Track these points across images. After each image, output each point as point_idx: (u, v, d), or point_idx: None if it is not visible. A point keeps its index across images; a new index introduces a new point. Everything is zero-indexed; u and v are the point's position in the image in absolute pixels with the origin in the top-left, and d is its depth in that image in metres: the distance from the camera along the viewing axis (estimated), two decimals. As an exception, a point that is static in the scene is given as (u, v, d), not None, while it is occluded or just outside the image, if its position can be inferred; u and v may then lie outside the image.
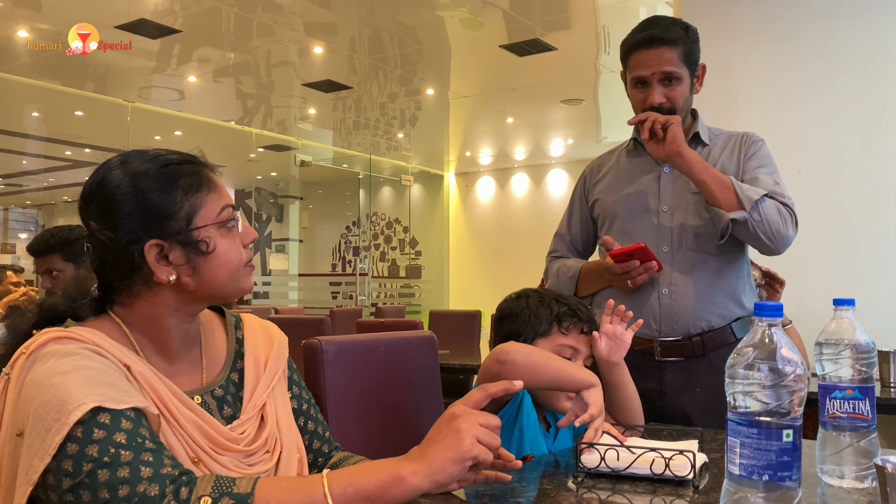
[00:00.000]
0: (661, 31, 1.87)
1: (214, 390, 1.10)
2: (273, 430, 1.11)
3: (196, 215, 1.04)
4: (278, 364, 1.19)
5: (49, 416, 0.87)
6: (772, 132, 3.12)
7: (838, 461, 1.14)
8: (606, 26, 5.82)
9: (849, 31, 3.19)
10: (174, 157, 1.07)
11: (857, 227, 3.15)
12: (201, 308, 1.11)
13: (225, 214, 1.07)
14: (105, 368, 0.94)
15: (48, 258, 2.54)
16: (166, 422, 0.98)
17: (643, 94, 1.92)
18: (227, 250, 1.06)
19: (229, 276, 1.07)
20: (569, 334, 1.55)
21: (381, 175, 11.92)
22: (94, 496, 0.84)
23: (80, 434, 0.86)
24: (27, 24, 5.88)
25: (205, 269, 1.04)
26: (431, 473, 0.92)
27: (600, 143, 9.88)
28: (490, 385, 1.05)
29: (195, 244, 1.03)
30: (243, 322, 1.22)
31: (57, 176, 10.93)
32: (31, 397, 0.89)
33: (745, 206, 1.78)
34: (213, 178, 1.09)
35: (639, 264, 1.83)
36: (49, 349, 0.93)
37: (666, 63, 1.87)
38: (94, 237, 1.04)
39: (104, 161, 1.08)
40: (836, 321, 1.18)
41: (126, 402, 0.90)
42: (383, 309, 7.41)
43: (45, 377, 0.90)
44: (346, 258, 11.91)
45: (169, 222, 1.02)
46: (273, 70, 7.14)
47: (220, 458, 1.02)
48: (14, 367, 0.94)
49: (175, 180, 1.04)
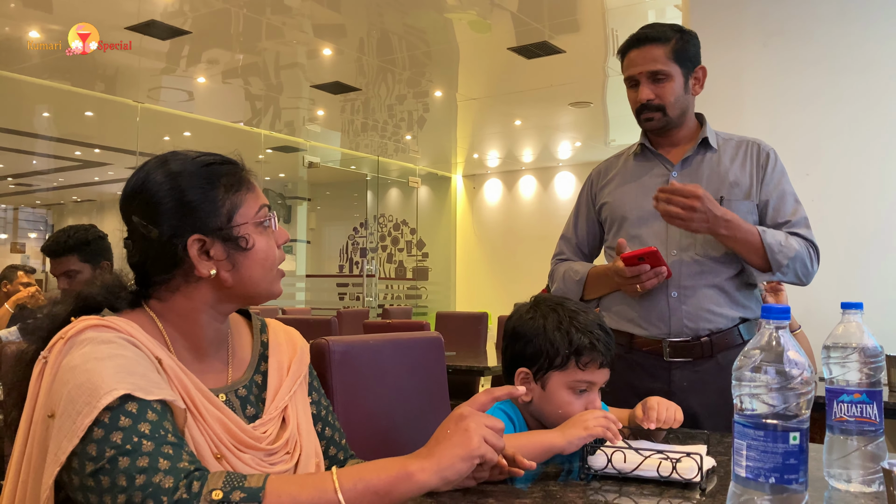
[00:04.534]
0: (649, 31, 1.93)
1: (238, 389, 1.13)
2: (294, 432, 1.13)
3: (236, 213, 1.08)
4: (300, 369, 1.21)
5: (81, 399, 0.89)
6: (780, 136, 3.11)
7: (845, 465, 1.14)
8: (615, 29, 5.82)
9: (857, 36, 3.18)
10: (215, 158, 1.11)
11: (865, 231, 3.14)
12: (234, 308, 1.14)
13: (262, 213, 1.11)
14: (138, 359, 0.96)
15: (65, 259, 2.54)
16: (192, 417, 1.00)
17: (635, 93, 1.97)
18: (265, 248, 1.10)
19: (264, 275, 1.10)
20: (586, 369, 1.42)
21: (388, 177, 11.93)
22: (112, 482, 0.86)
23: (107, 420, 0.89)
24: (38, 25, 5.91)
25: (243, 265, 1.08)
26: (440, 470, 0.94)
27: (608, 145, 9.87)
28: (495, 389, 1.09)
29: (235, 240, 1.07)
30: (269, 327, 1.25)
31: (66, 176, 10.97)
32: (66, 380, 0.92)
33: (775, 269, 1.85)
34: (250, 179, 1.13)
35: (649, 269, 1.83)
36: (87, 335, 0.96)
37: (652, 61, 1.91)
38: (137, 232, 1.07)
39: (144, 162, 1.11)
40: (844, 325, 1.18)
41: (154, 394, 0.93)
42: (390, 310, 7.41)
43: (82, 361, 0.93)
44: (354, 259, 11.93)
45: (211, 218, 1.06)
46: (282, 71, 7.16)
47: (243, 456, 1.04)
48: (52, 351, 0.97)
49: (217, 179, 1.08)
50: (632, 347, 1.94)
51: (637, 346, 1.94)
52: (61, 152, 9.71)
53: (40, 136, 9.12)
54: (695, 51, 1.96)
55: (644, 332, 1.93)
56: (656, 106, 1.93)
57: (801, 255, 1.86)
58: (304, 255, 11.67)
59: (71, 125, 8.92)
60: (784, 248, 1.84)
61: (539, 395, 1.44)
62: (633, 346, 1.94)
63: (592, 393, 1.44)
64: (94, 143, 9.54)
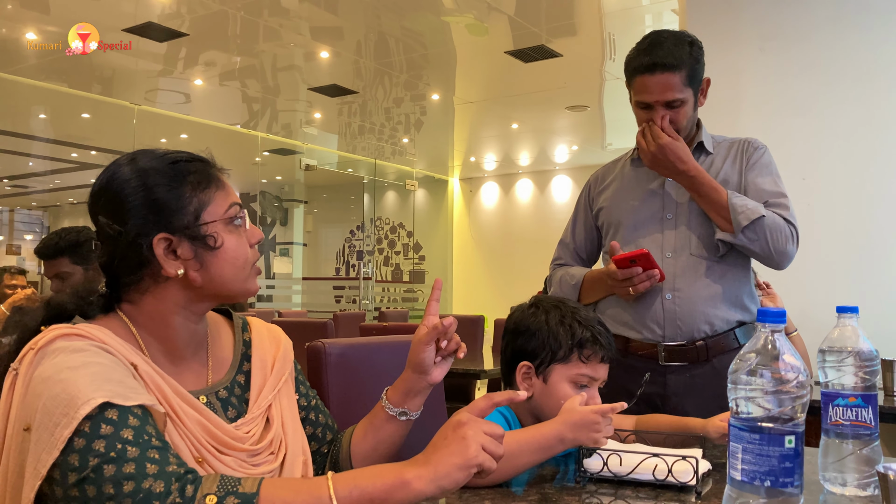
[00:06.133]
0: (664, 56, 1.85)
1: (219, 391, 1.11)
2: (278, 431, 1.12)
3: (204, 211, 1.06)
4: (285, 366, 1.20)
5: (57, 411, 0.87)
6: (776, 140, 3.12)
7: (841, 468, 1.14)
8: (612, 33, 5.83)
9: (854, 39, 3.19)
10: (183, 155, 1.09)
11: (861, 235, 3.14)
12: (207, 307, 1.12)
13: (232, 211, 1.09)
14: (113, 365, 0.95)
15: (57, 261, 2.53)
16: (171, 421, 0.98)
17: (647, 114, 1.92)
18: (234, 247, 1.08)
19: (235, 274, 1.08)
20: (588, 362, 1.45)
21: (385, 179, 11.94)
22: (98, 491, 0.85)
23: (87, 429, 0.87)
24: (35, 27, 5.91)
25: (212, 264, 1.06)
26: (436, 479, 0.92)
27: (605, 149, 9.88)
28: (496, 394, 1.07)
29: (203, 239, 1.05)
30: (251, 325, 1.24)
31: (63, 178, 10.97)
32: (40, 392, 0.90)
33: (735, 229, 1.82)
34: (220, 177, 1.11)
35: (641, 271, 1.83)
36: (57, 345, 0.94)
37: (669, 91, 1.86)
38: (103, 232, 1.05)
39: (113, 160, 1.09)
40: (840, 329, 1.18)
41: (134, 399, 0.91)
42: (386, 313, 7.42)
43: (54, 372, 0.91)
44: (350, 262, 11.92)
45: (177, 217, 1.04)
46: (279, 74, 7.16)
47: (225, 459, 1.02)
48: (22, 362, 0.95)
49: (184, 176, 1.06)
50: (627, 352, 1.94)
51: (632, 351, 1.93)
52: (58, 154, 9.70)
53: (37, 137, 9.11)
54: (702, 66, 1.92)
55: (639, 335, 1.93)
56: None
57: (773, 224, 1.81)
58: (300, 258, 11.68)
59: (67, 127, 8.91)
60: (749, 210, 1.82)
61: (540, 389, 1.44)
62: (628, 350, 1.94)
63: (593, 389, 1.46)
64: (91, 145, 9.53)
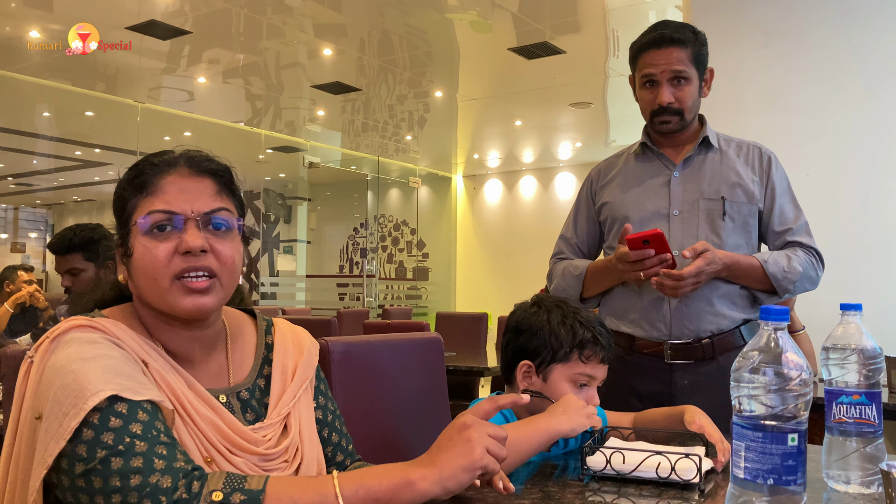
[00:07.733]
0: (671, 32, 1.90)
1: (240, 392, 1.10)
2: (295, 439, 1.11)
3: (132, 217, 1.04)
4: (306, 373, 1.18)
5: (67, 401, 0.88)
6: (780, 136, 3.11)
7: (844, 466, 1.14)
8: (616, 30, 5.82)
9: (857, 34, 3.18)
10: (149, 159, 1.08)
11: (865, 232, 3.14)
12: (174, 323, 1.05)
13: (150, 219, 1.01)
14: (124, 360, 0.96)
15: (70, 257, 2.54)
16: (180, 418, 0.98)
17: (652, 93, 1.93)
18: (142, 256, 1.01)
19: (149, 286, 1.02)
20: (588, 363, 1.46)
21: (388, 177, 11.94)
22: (105, 483, 0.85)
23: (96, 421, 0.88)
24: (38, 25, 5.91)
25: (133, 273, 1.04)
26: (441, 479, 0.93)
27: (609, 146, 9.87)
28: (500, 397, 1.09)
29: (125, 246, 1.05)
30: (275, 327, 1.22)
31: (67, 176, 10.98)
32: (51, 381, 0.91)
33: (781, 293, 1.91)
34: (161, 182, 1.04)
35: (653, 254, 1.78)
36: (72, 336, 0.96)
37: (676, 62, 1.89)
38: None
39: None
40: (844, 326, 1.18)
41: (143, 394, 0.92)
42: (390, 311, 7.41)
43: (66, 362, 0.92)
44: (354, 260, 11.93)
45: (122, 222, 1.06)
46: (282, 71, 7.16)
47: (235, 460, 1.01)
48: (38, 350, 0.97)
49: (132, 181, 1.06)
50: (632, 350, 1.93)
51: (638, 349, 1.93)
52: (62, 152, 9.71)
53: (41, 135, 9.12)
54: (706, 53, 1.96)
55: (645, 333, 1.92)
56: (675, 109, 1.91)
57: (807, 272, 1.90)
58: (304, 256, 11.68)
59: (71, 125, 8.92)
60: (788, 273, 1.87)
61: (540, 388, 1.46)
62: (633, 348, 1.93)
63: (592, 388, 1.48)
64: (95, 142, 9.54)
